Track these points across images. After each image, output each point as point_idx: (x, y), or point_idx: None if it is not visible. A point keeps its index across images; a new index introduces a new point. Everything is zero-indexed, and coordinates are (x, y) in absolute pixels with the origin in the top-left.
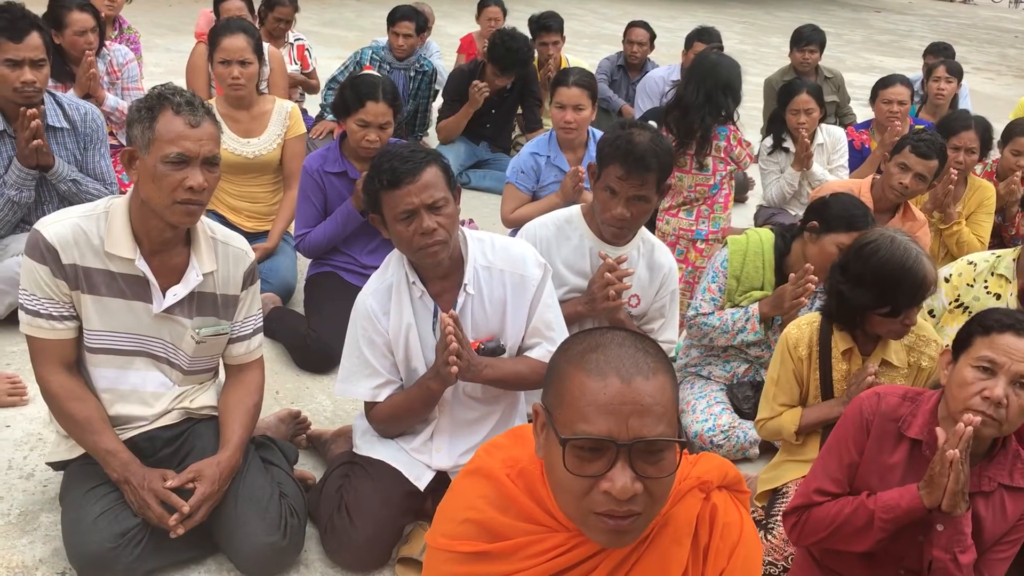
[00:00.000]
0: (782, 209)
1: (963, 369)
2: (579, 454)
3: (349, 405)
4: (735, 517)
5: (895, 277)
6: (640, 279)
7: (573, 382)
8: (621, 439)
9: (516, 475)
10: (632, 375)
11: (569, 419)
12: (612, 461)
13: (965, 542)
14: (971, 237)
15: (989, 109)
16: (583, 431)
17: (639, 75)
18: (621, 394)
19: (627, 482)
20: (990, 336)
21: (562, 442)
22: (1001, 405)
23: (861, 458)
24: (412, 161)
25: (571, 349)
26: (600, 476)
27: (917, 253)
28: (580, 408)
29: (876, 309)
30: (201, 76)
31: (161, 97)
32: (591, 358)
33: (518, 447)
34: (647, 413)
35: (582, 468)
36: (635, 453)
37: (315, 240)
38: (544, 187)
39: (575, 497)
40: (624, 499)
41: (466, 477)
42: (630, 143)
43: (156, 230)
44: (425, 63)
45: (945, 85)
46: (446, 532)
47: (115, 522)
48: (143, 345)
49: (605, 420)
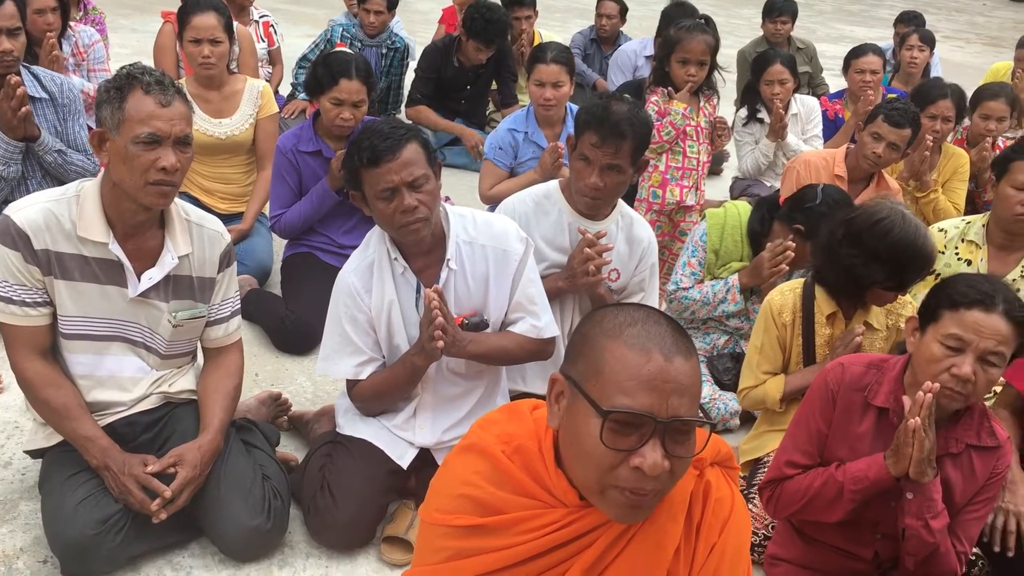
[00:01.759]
0: (757, 180)
1: (931, 344)
2: (615, 428)
3: (330, 385)
4: (726, 492)
5: (908, 255)
6: (619, 253)
7: (612, 354)
8: (660, 416)
9: (512, 451)
10: (673, 353)
11: (607, 392)
12: (646, 437)
13: (935, 508)
14: (947, 204)
15: (959, 77)
16: (624, 405)
17: (612, 49)
18: (664, 371)
19: (658, 459)
20: (958, 312)
21: (603, 414)
22: (969, 382)
23: (829, 429)
24: (392, 138)
25: (605, 321)
26: (632, 451)
27: (925, 230)
28: (621, 381)
29: (884, 284)
30: (169, 56)
31: (130, 76)
32: (631, 332)
33: (513, 422)
34: (685, 392)
35: (616, 442)
36: (668, 431)
37: (290, 221)
38: (522, 163)
39: (600, 470)
40: (653, 476)
41: (460, 453)
42: (607, 111)
43: (129, 213)
44: (397, 39)
45: (918, 54)
46: (440, 507)
47: (96, 509)
48: (119, 330)
49: (647, 395)
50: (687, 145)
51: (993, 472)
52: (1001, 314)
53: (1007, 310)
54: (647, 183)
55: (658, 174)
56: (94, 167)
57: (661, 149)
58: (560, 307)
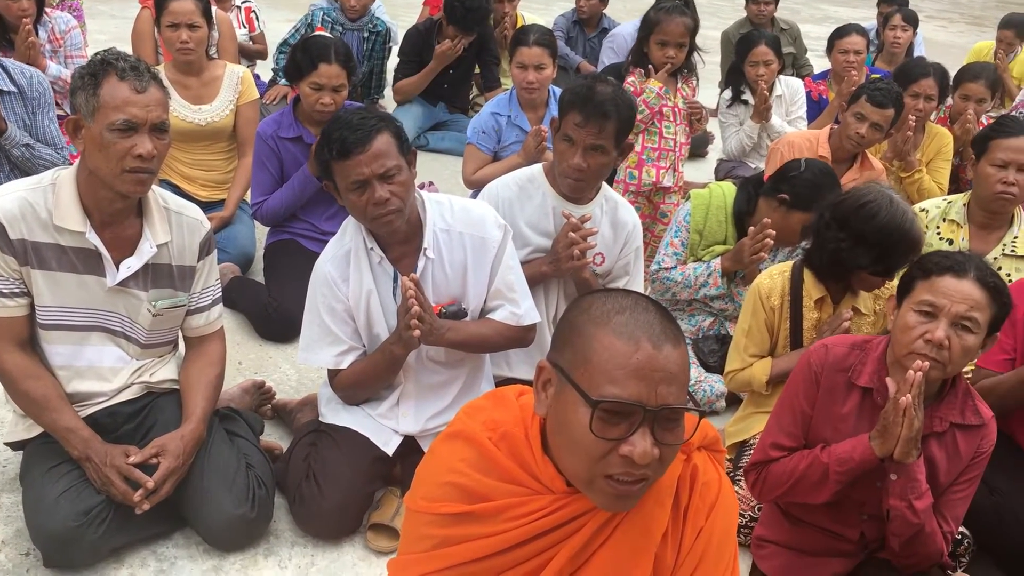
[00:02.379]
0: (742, 162)
1: (906, 314)
2: (605, 417)
3: (314, 373)
4: (713, 476)
5: (894, 239)
6: (604, 237)
7: (600, 342)
8: (649, 405)
9: (498, 438)
10: (662, 342)
11: (595, 381)
12: (635, 426)
13: (919, 488)
14: (931, 184)
15: (943, 57)
16: (612, 394)
17: (595, 31)
18: (652, 360)
19: (647, 448)
20: (930, 279)
21: (593, 403)
22: (943, 347)
23: (813, 410)
24: (362, 130)
25: (593, 309)
26: (621, 440)
27: (912, 215)
28: (608, 370)
29: (870, 268)
30: (147, 42)
31: (105, 63)
32: (619, 320)
33: (499, 409)
34: (674, 381)
35: (605, 431)
36: (658, 420)
37: (272, 207)
38: (505, 147)
39: (590, 459)
40: (644, 464)
41: (446, 440)
42: (591, 91)
43: (106, 201)
44: (378, 23)
45: (901, 33)
46: (426, 495)
47: (78, 500)
48: (98, 320)
49: (635, 385)
50: (663, 126)
51: (978, 451)
52: (973, 280)
53: (979, 276)
54: (624, 164)
55: (634, 155)
56: (63, 161)
57: (637, 130)
58: (544, 292)
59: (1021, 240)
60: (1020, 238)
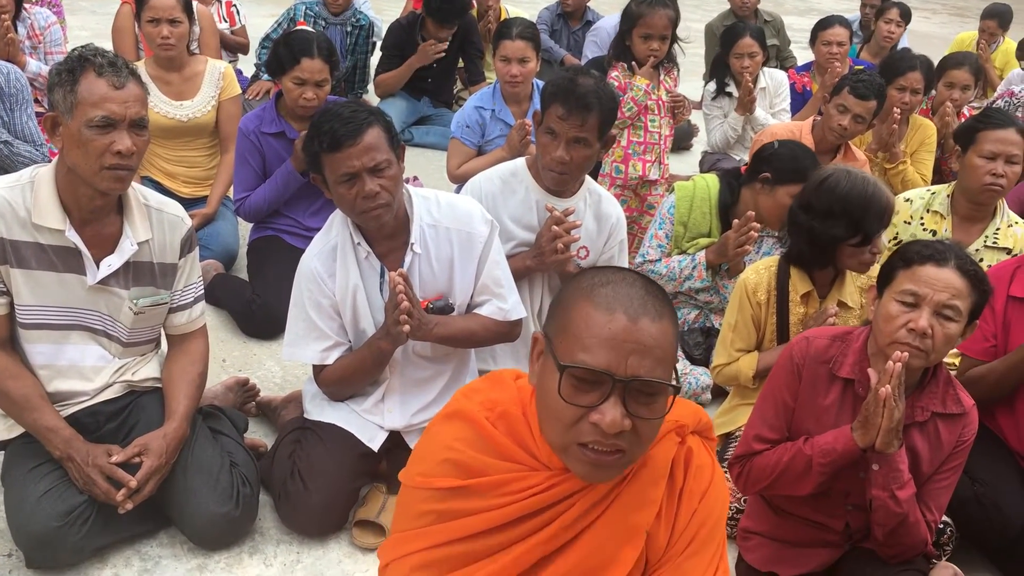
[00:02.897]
0: (726, 154)
1: (888, 304)
2: (575, 384)
3: (299, 370)
4: (707, 461)
5: (862, 205)
6: (588, 230)
7: (579, 312)
8: (618, 374)
9: (496, 417)
10: (639, 314)
11: (570, 348)
12: (606, 395)
13: (901, 478)
14: (915, 175)
15: (925, 48)
16: (582, 360)
17: (580, 24)
18: (626, 331)
19: (617, 417)
20: (911, 268)
21: (560, 368)
22: (926, 336)
23: (796, 403)
24: (353, 122)
25: (582, 281)
26: (592, 408)
27: (874, 181)
28: (583, 338)
29: (848, 239)
30: (128, 38)
31: (82, 59)
32: (601, 292)
33: (496, 390)
34: (648, 354)
35: (576, 397)
36: (629, 391)
37: (255, 204)
38: (490, 141)
39: (563, 425)
40: (611, 433)
41: (444, 420)
42: (573, 83)
43: (85, 198)
44: (361, 17)
45: (896, 29)
46: (423, 471)
47: (60, 500)
48: (78, 318)
49: (606, 353)
50: (648, 120)
51: (959, 440)
52: (953, 268)
53: (959, 264)
54: (610, 158)
55: (620, 149)
56: (42, 158)
57: (623, 125)
58: (529, 286)
59: (1003, 232)
60: (1003, 230)
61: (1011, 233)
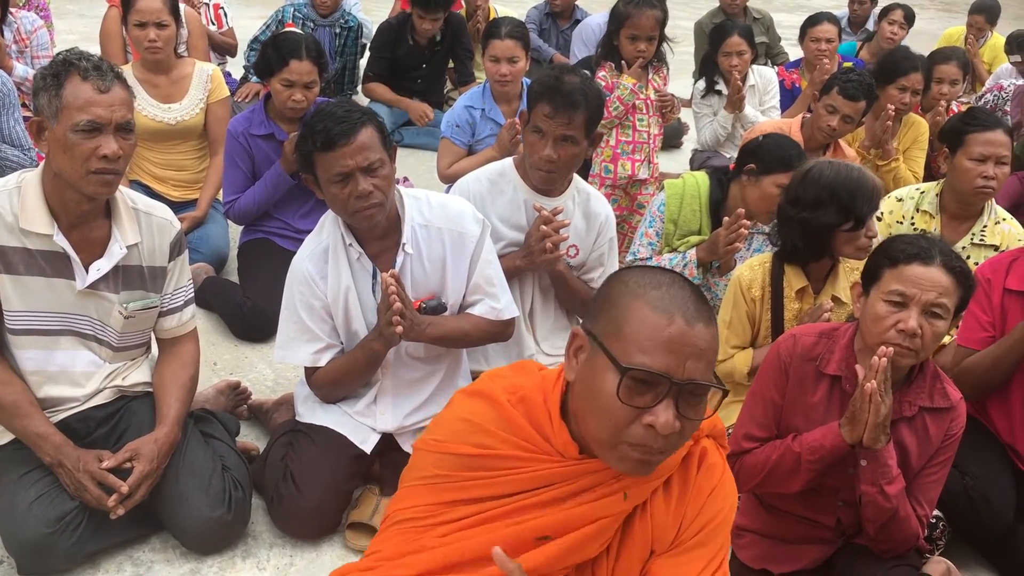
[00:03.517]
0: (717, 152)
1: (875, 304)
2: (632, 385)
3: (290, 373)
4: (718, 461)
5: (849, 189)
6: (577, 229)
7: (636, 314)
8: (676, 377)
9: (517, 401)
10: (695, 319)
11: (627, 349)
12: (661, 397)
13: (890, 474)
14: (907, 173)
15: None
16: (642, 363)
17: (568, 23)
18: (684, 335)
19: (670, 419)
20: (898, 268)
21: (622, 370)
22: (916, 335)
23: (784, 400)
24: (347, 122)
25: (631, 281)
26: (646, 409)
27: (857, 167)
28: (641, 341)
29: (841, 225)
30: (115, 41)
31: (67, 63)
32: (655, 294)
33: (521, 376)
34: (702, 357)
35: (632, 398)
36: (683, 393)
37: (245, 206)
38: (480, 141)
39: (614, 425)
40: (665, 434)
41: (467, 397)
42: (559, 81)
43: (73, 203)
44: (350, 18)
45: (899, 31)
46: (438, 436)
47: (51, 507)
48: (68, 323)
49: (665, 356)
50: (636, 119)
51: (948, 433)
52: (940, 266)
53: (945, 262)
54: (599, 158)
55: (609, 149)
56: (30, 163)
57: (611, 124)
58: (519, 286)
59: (991, 229)
60: (989, 227)
61: (999, 230)
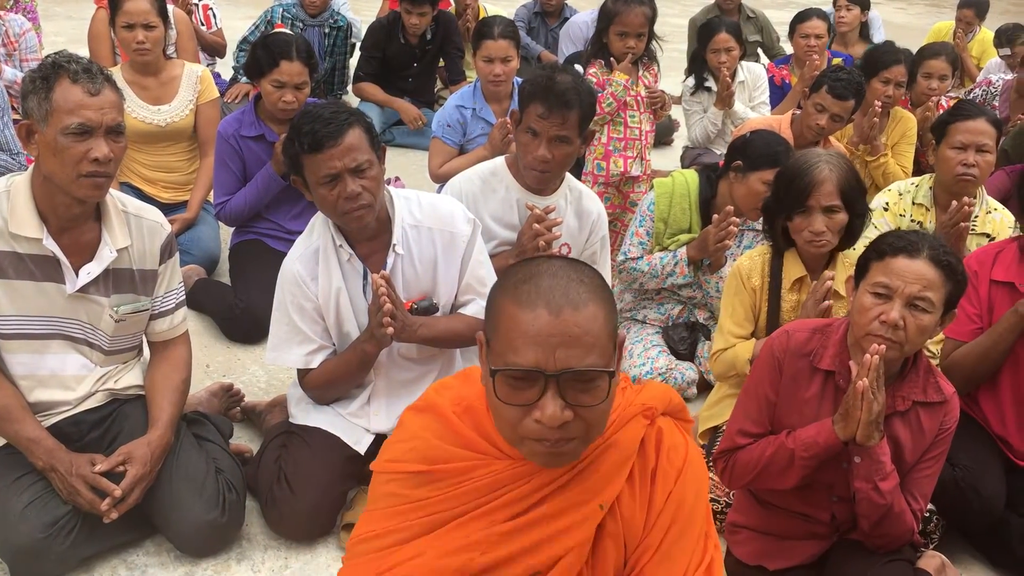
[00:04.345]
0: (707, 149)
1: (862, 296)
2: (510, 383)
3: (283, 374)
4: (680, 440)
5: (788, 177)
6: (569, 227)
7: (505, 313)
8: (549, 370)
9: (462, 412)
10: (561, 306)
11: (501, 349)
12: (542, 391)
13: (884, 470)
14: (896, 168)
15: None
16: (512, 362)
17: (557, 22)
18: (549, 325)
19: (556, 411)
20: (884, 261)
21: (492, 372)
22: (898, 327)
23: (778, 397)
24: (334, 123)
25: (507, 280)
26: (531, 405)
27: (819, 160)
28: (510, 339)
29: (777, 213)
30: (104, 43)
31: (56, 65)
32: (523, 289)
33: (466, 386)
34: (575, 344)
35: (513, 397)
36: (565, 382)
37: (236, 207)
38: (471, 140)
39: (509, 424)
40: (554, 426)
41: (415, 413)
42: (551, 81)
43: (63, 206)
44: (339, 18)
45: (846, 13)
46: (392, 457)
47: (44, 511)
48: (59, 327)
49: (533, 351)
50: (628, 116)
51: (941, 427)
52: (926, 259)
53: (932, 255)
54: (591, 156)
55: (600, 146)
56: (19, 167)
57: (602, 121)
58: None
59: (982, 218)
60: (981, 216)
61: (990, 219)
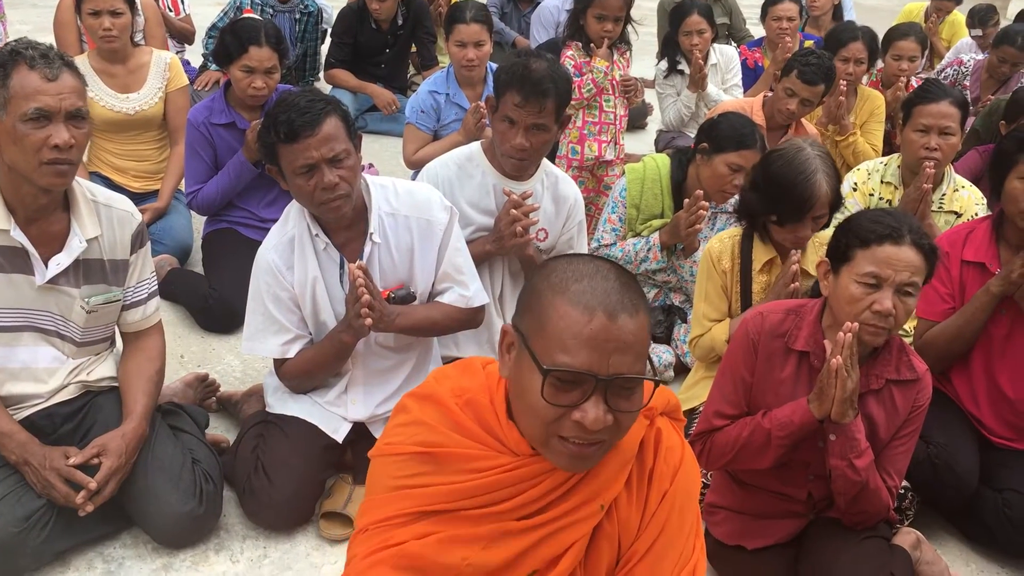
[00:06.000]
0: (681, 132)
1: (848, 285)
2: (557, 385)
3: (259, 364)
4: (676, 441)
5: (783, 187)
6: (546, 212)
7: (556, 311)
8: (601, 374)
9: (464, 404)
10: (618, 311)
11: (549, 348)
12: (588, 394)
13: (859, 447)
14: (866, 147)
15: (873, 20)
16: (564, 363)
17: (530, 7)
18: (606, 330)
19: (599, 415)
20: (870, 248)
21: (543, 372)
22: (891, 316)
23: (753, 378)
24: (311, 112)
25: (554, 275)
26: (574, 406)
27: (816, 170)
28: (562, 339)
29: (766, 215)
30: (70, 31)
31: (13, 52)
32: (576, 288)
33: (466, 377)
34: (628, 350)
35: (557, 398)
36: (611, 388)
37: (208, 196)
38: (445, 126)
39: (543, 422)
40: (594, 430)
41: (415, 400)
42: (527, 69)
43: (29, 196)
44: (309, 3)
45: None
46: (391, 440)
47: (18, 505)
48: (29, 320)
49: (587, 354)
50: (603, 100)
51: (914, 405)
52: (910, 245)
53: (915, 240)
54: (565, 140)
55: (576, 130)
56: None
57: (580, 105)
58: (489, 271)
59: (949, 196)
60: (948, 194)
61: (958, 197)
